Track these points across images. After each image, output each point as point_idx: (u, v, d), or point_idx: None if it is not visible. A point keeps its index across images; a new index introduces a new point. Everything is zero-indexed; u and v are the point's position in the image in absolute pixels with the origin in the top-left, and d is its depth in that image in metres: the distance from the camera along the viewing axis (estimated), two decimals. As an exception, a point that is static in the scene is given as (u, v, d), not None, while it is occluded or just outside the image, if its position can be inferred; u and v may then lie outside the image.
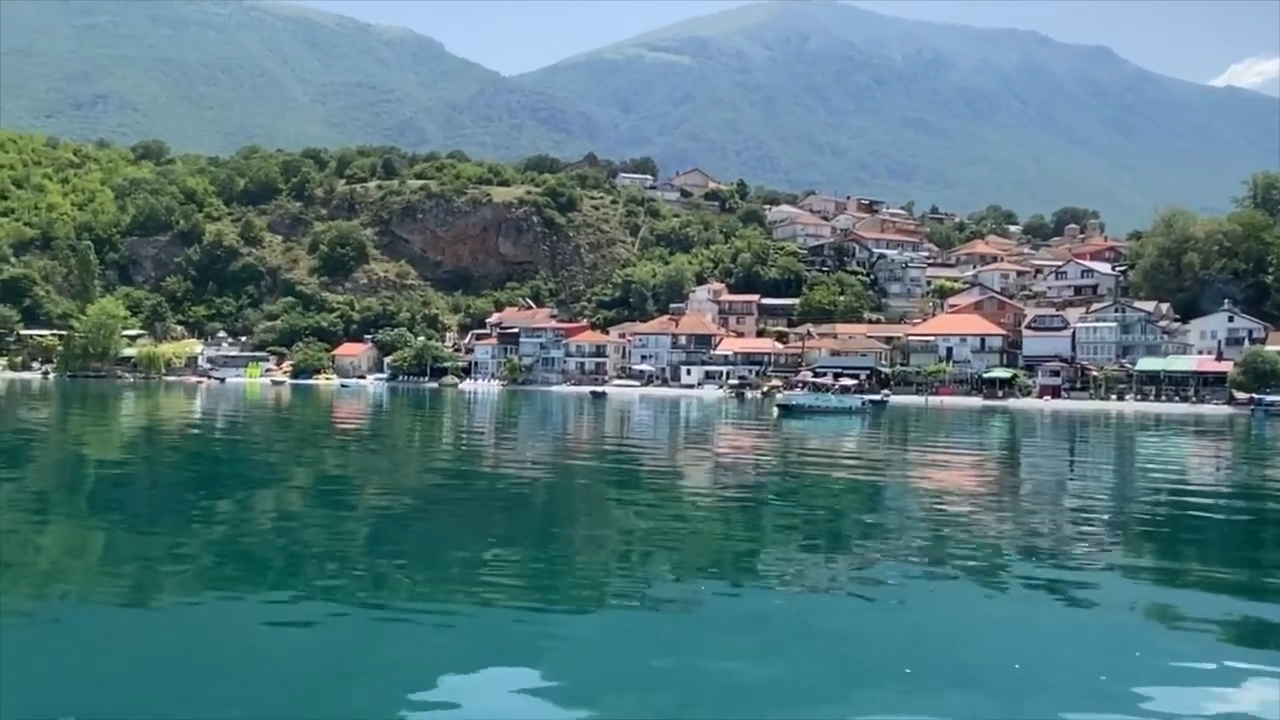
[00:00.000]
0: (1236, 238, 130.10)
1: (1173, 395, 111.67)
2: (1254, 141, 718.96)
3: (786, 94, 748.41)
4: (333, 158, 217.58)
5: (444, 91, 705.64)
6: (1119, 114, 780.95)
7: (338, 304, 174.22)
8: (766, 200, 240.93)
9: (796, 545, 20.86)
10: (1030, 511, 26.93)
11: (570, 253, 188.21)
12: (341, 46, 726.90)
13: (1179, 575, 18.27)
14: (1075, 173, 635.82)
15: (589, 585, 16.74)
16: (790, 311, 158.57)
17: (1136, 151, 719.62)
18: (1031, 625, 14.69)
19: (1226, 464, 46.29)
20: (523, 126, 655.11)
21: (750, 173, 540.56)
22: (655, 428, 65.15)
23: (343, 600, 14.96)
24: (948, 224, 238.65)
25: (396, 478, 33.24)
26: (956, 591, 16.71)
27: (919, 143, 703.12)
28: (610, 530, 22.66)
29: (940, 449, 49.86)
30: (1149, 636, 14.19)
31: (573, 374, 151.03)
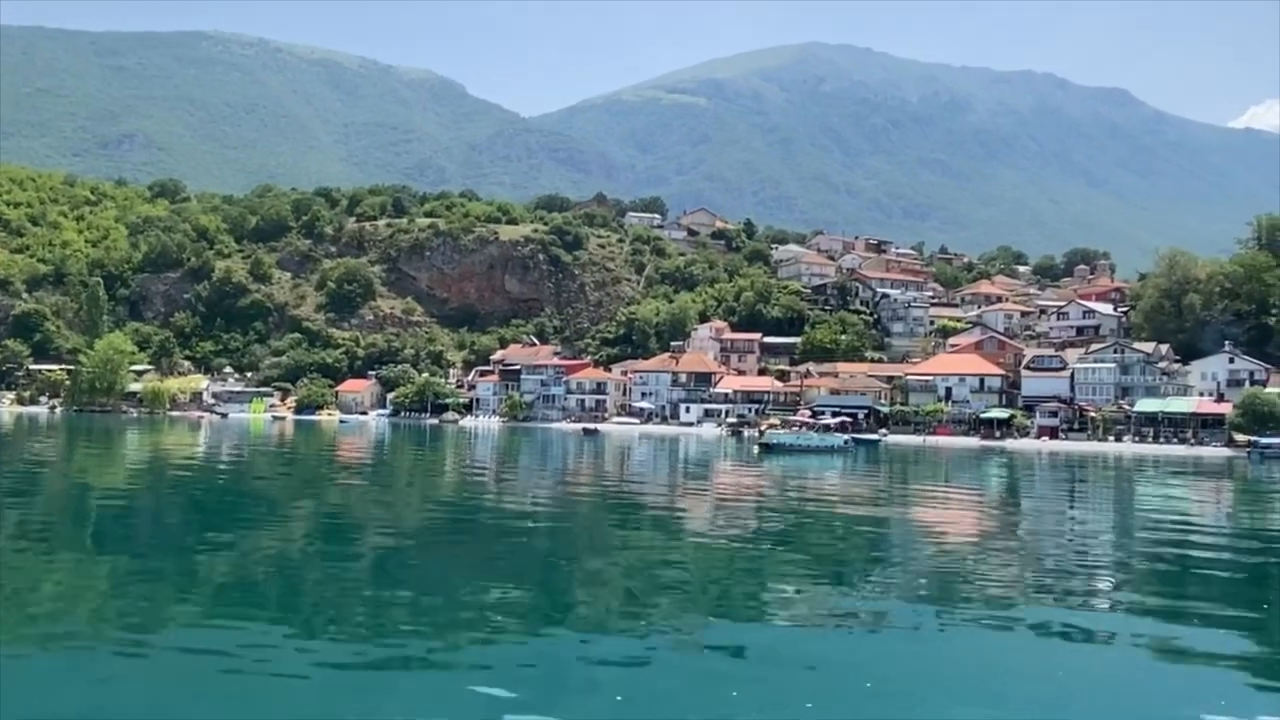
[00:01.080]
0: (1238, 279, 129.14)
1: (1171, 437, 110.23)
2: (1273, 183, 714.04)
3: (803, 135, 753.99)
4: (344, 196, 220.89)
5: (464, 132, 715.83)
6: (1136, 155, 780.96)
7: (343, 340, 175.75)
8: (775, 239, 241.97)
9: (800, 585, 21.00)
10: (1034, 556, 26.93)
11: (575, 290, 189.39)
12: (364, 88, 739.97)
13: (1183, 617, 18.45)
14: (1092, 214, 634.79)
15: (594, 624, 16.79)
16: (792, 350, 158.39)
17: (1154, 193, 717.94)
18: (1046, 666, 14.82)
19: (1224, 507, 46.05)
20: (541, 166, 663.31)
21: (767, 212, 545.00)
22: (654, 466, 65.30)
23: (346, 638, 14.99)
24: (956, 264, 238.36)
25: (397, 515, 33.35)
26: (968, 633, 16.87)
27: (935, 183, 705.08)
28: (613, 569, 22.71)
29: (930, 493, 49.36)
30: (1159, 678, 14.58)
31: (573, 411, 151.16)
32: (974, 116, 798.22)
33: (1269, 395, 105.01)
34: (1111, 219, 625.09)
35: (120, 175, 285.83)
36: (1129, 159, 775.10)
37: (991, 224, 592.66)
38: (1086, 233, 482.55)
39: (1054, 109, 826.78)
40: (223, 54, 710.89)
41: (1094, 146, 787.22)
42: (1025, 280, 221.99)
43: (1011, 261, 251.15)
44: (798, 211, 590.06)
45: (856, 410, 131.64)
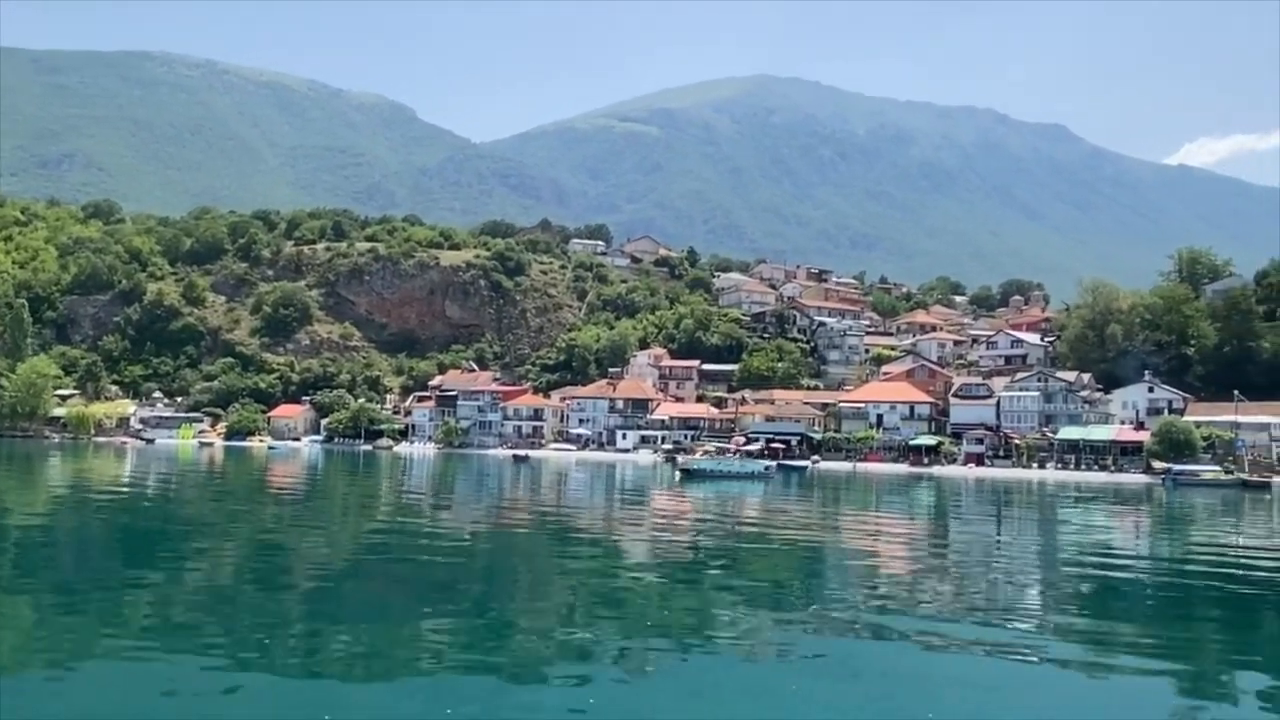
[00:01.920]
0: (1158, 310, 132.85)
1: (1092, 464, 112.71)
2: (1205, 218, 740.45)
3: (753, 165, 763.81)
4: (283, 219, 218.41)
5: (414, 156, 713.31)
6: (1074, 190, 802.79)
7: (277, 365, 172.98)
8: (719, 267, 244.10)
9: (740, 608, 21.15)
10: (963, 581, 27.45)
11: (517, 316, 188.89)
12: (312, 111, 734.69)
13: (1108, 638, 19.38)
14: (1032, 247, 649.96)
15: (532, 653, 16.62)
16: (730, 377, 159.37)
17: (1091, 226, 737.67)
18: (982, 689, 15.11)
19: (1143, 532, 47.51)
20: (492, 193, 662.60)
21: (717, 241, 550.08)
22: (590, 493, 65.34)
23: (279, 670, 14.61)
24: (895, 294, 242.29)
25: (330, 544, 32.74)
26: (904, 655, 17.19)
27: (881, 214, 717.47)
28: (549, 597, 22.61)
29: (858, 520, 50.01)
30: (1092, 698, 15.09)
31: (510, 438, 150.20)
32: (918, 150, 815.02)
33: (1184, 424, 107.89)
34: (1050, 251, 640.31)
35: (58, 195, 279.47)
36: (1067, 193, 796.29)
37: (935, 255, 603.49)
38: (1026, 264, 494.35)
39: (995, 144, 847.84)
40: (168, 74, 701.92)
41: (1034, 181, 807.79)
42: (961, 310, 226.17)
43: (949, 292, 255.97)
44: (747, 240, 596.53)
45: (790, 437, 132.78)
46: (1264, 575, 31.37)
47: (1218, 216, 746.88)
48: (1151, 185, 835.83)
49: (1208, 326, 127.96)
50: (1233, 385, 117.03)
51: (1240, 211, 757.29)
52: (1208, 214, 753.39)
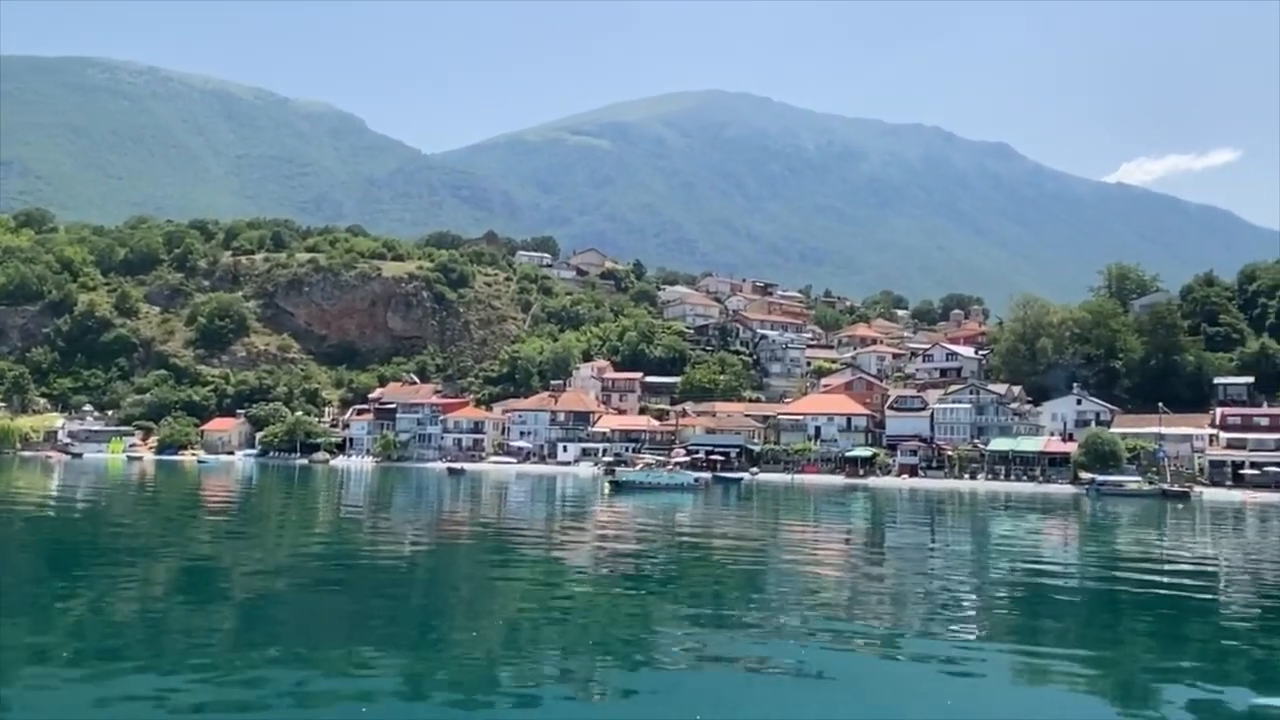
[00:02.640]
0: (1087, 324, 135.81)
1: (1022, 475, 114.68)
2: (1142, 234, 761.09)
3: (704, 179, 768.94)
4: (221, 229, 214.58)
5: (363, 167, 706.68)
6: (1018, 206, 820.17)
7: (212, 378, 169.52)
8: (666, 280, 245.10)
9: (683, 620, 21.17)
10: (900, 591, 27.94)
11: (460, 328, 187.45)
12: (259, 119, 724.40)
13: (1041, 642, 20.29)
14: (977, 261, 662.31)
15: (475, 671, 16.30)
16: (673, 390, 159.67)
17: (1034, 241, 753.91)
18: (927, 696, 15.45)
19: (1070, 541, 48.57)
20: (443, 204, 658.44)
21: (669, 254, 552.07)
22: (530, 506, 64.83)
23: (211, 694, 14.14)
24: (839, 307, 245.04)
25: (263, 561, 31.95)
26: (854, 665, 17.42)
27: (830, 229, 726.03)
28: (490, 613, 22.26)
29: (793, 530, 50.38)
30: (1029, 701, 15.68)
31: (450, 450, 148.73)
32: (867, 166, 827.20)
33: (1109, 435, 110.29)
34: (994, 265, 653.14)
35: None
36: (1011, 209, 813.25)
37: (883, 269, 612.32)
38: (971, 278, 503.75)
39: (941, 160, 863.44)
40: (110, 81, 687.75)
41: (978, 197, 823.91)
42: (903, 324, 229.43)
43: (891, 305, 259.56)
44: (698, 254, 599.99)
45: (729, 449, 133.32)
46: (1179, 580, 32.56)
47: (1154, 233, 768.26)
48: (1091, 202, 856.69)
49: (1135, 340, 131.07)
50: (1158, 397, 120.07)
51: (1175, 228, 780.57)
52: (1144, 230, 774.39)
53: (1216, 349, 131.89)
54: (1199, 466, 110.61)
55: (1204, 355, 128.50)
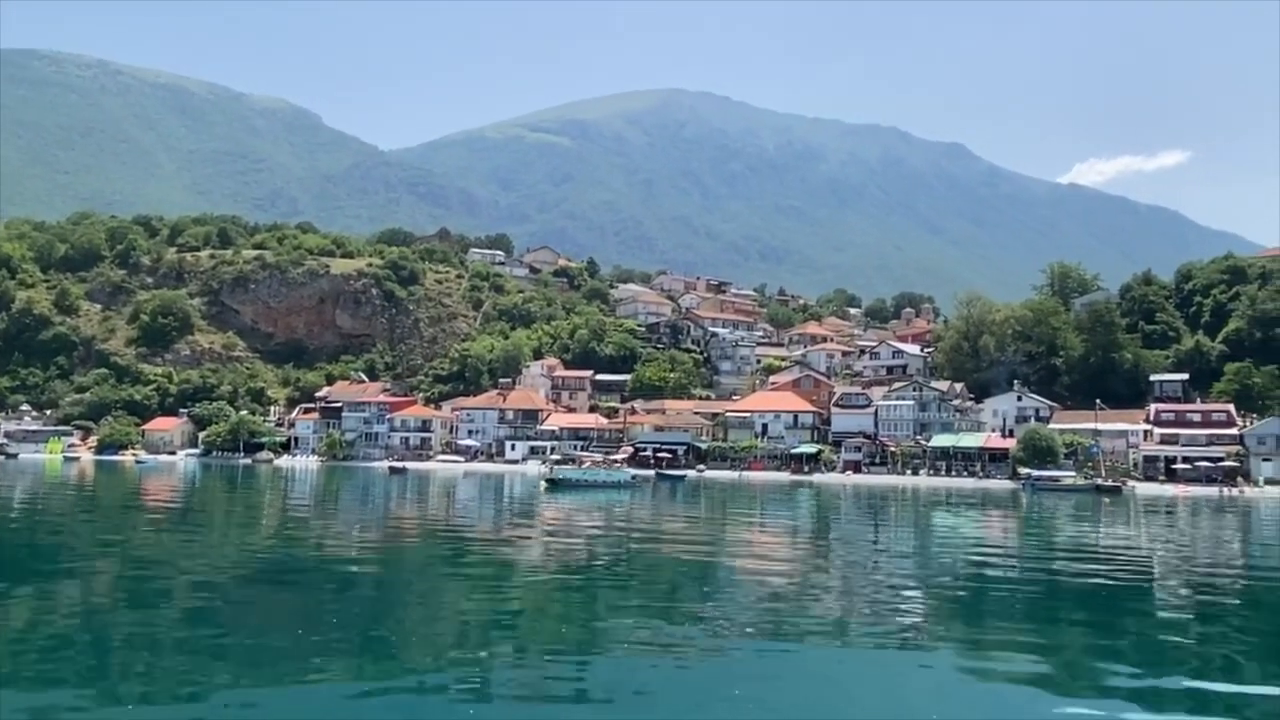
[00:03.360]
0: (1028, 322, 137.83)
1: (962, 470, 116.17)
2: (1093, 235, 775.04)
3: (664, 178, 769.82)
4: (165, 225, 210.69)
5: (319, 163, 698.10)
6: (973, 206, 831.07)
7: (155, 376, 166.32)
8: (621, 279, 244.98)
9: (634, 617, 21.01)
10: (845, 586, 28.13)
11: (409, 326, 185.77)
12: (212, 114, 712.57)
13: (985, 635, 20.88)
14: (932, 260, 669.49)
15: (425, 670, 16.03)
16: (623, 387, 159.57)
17: (989, 241, 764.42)
18: (877, 687, 15.76)
19: (1009, 535, 49.51)
20: (400, 201, 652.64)
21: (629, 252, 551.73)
22: (479, 505, 64.35)
23: (154, 701, 13.71)
24: (793, 305, 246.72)
25: (208, 563, 31.14)
26: (806, 658, 17.53)
27: (789, 228, 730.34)
28: (441, 613, 22.01)
29: (734, 526, 50.53)
30: (973, 692, 16.03)
31: (397, 449, 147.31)
32: (826, 166, 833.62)
33: (1047, 432, 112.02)
34: (950, 265, 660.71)
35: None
36: (966, 209, 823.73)
37: (842, 268, 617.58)
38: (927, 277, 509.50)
39: (899, 161, 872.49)
40: (57, 74, 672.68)
41: (935, 197, 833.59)
42: (856, 322, 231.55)
43: (845, 304, 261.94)
44: (658, 252, 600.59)
45: (677, 446, 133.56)
46: (1114, 571, 33.60)
47: (1105, 233, 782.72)
48: (1044, 203, 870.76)
49: (1075, 338, 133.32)
50: (1097, 394, 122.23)
51: (1125, 228, 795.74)
52: (1096, 230, 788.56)
53: (1154, 346, 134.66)
54: (1133, 462, 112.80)
55: (1141, 353, 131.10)
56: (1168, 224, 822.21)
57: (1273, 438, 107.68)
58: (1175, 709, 15.32)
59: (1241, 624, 24.22)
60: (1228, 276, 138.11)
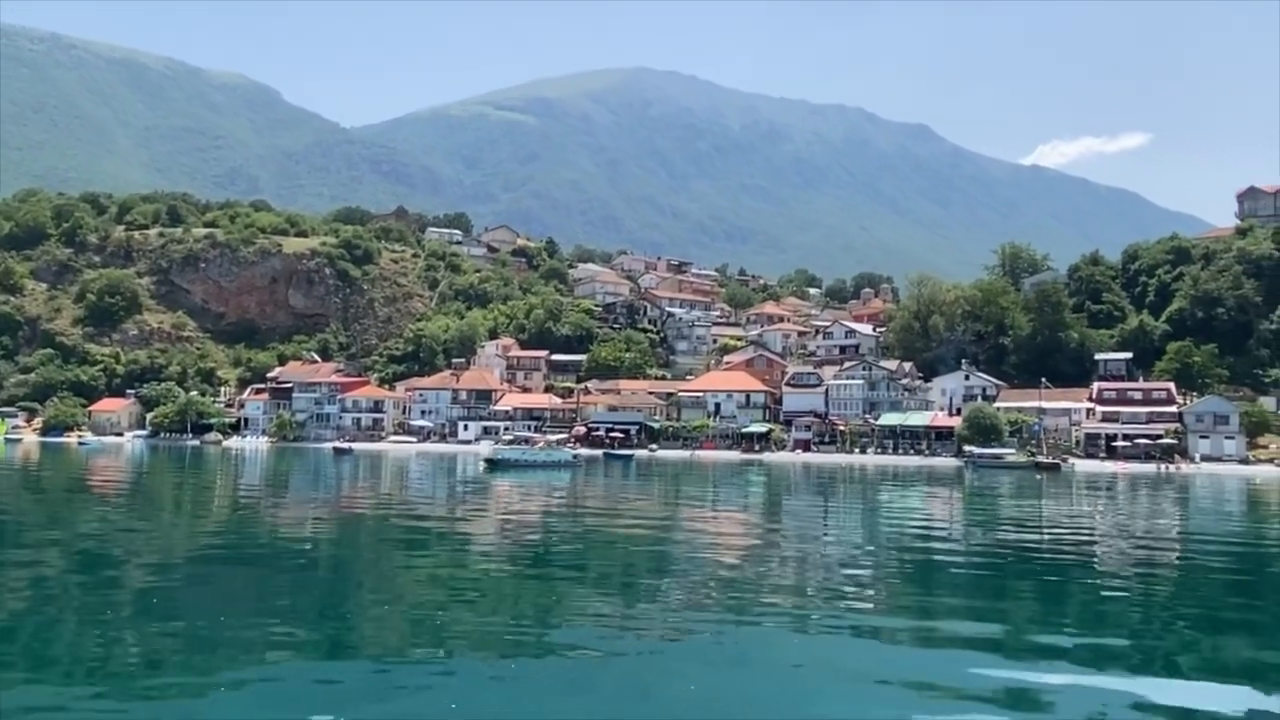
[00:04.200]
0: (978, 302, 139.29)
1: (909, 449, 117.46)
2: (1055, 216, 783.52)
3: (630, 157, 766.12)
4: (114, 202, 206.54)
5: (279, 140, 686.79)
6: (937, 187, 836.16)
7: (102, 357, 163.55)
8: (581, 258, 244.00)
9: (591, 598, 20.96)
10: (800, 563, 28.37)
11: (364, 306, 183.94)
12: (169, 90, 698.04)
13: (937, 603, 21.60)
14: (896, 240, 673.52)
15: (383, 653, 15.81)
16: (579, 367, 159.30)
17: (952, 222, 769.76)
18: (836, 658, 15.94)
19: (955, 512, 50.34)
20: (363, 179, 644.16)
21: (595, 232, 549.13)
22: (432, 486, 63.88)
23: (110, 686, 13.30)
24: (753, 285, 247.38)
25: (156, 547, 30.43)
26: (762, 635, 17.71)
27: (756, 208, 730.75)
28: (397, 594, 21.82)
29: (676, 505, 50.60)
30: (925, 663, 16.40)
31: (349, 430, 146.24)
32: (791, 146, 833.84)
33: (990, 410, 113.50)
34: (914, 245, 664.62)
35: None
36: (930, 190, 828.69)
37: (807, 248, 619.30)
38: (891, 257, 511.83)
39: (864, 141, 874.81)
40: (8, 48, 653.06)
41: (899, 178, 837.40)
42: (815, 302, 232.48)
43: (805, 284, 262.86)
44: (625, 232, 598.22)
45: (630, 426, 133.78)
46: (1056, 544, 34.76)
47: (1065, 214, 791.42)
48: (1007, 184, 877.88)
49: (1022, 317, 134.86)
50: (1043, 373, 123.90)
51: (1085, 209, 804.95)
52: (1057, 211, 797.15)
53: (1100, 326, 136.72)
54: (1075, 439, 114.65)
55: (1087, 332, 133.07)
56: (1127, 205, 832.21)
57: (1210, 415, 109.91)
58: (1118, 667, 15.99)
59: (1178, 590, 25.60)
60: (1173, 257, 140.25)
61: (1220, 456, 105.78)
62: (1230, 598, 24.54)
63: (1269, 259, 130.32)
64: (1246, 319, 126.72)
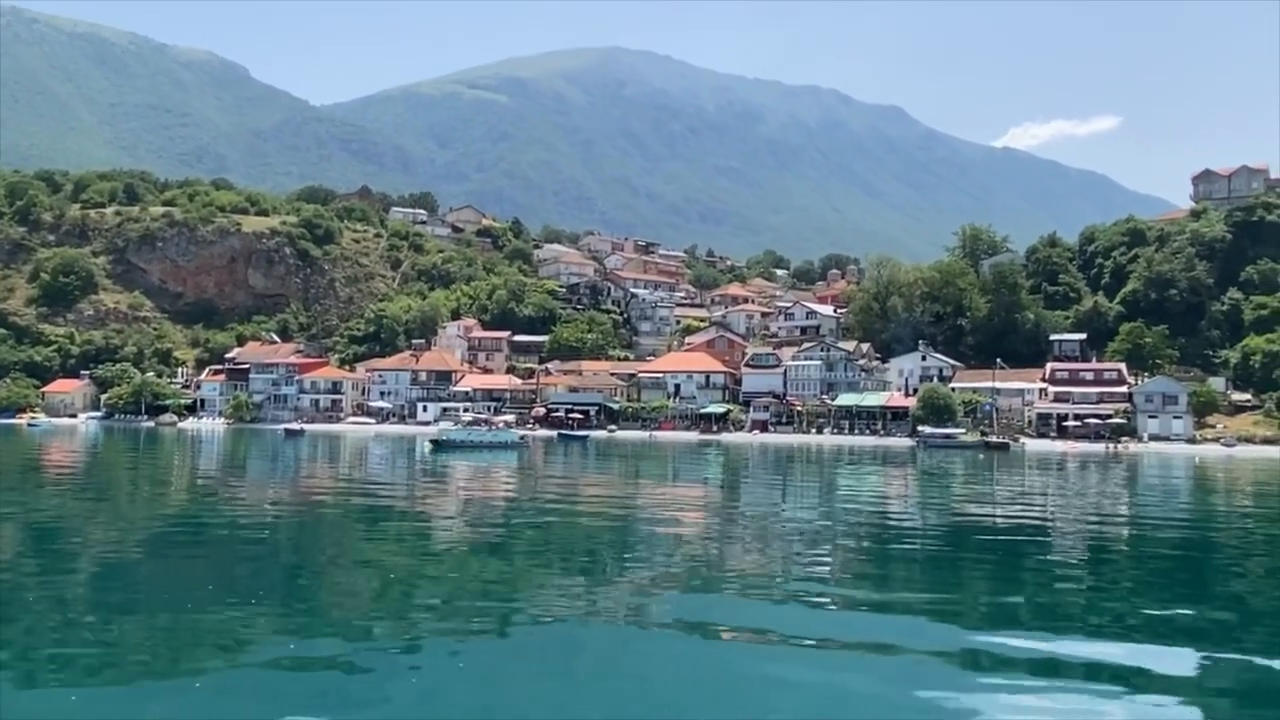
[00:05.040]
0: (936, 284, 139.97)
1: (865, 429, 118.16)
2: (1026, 198, 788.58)
3: (604, 138, 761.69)
4: (69, 180, 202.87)
5: (247, 118, 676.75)
6: (910, 169, 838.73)
7: (56, 337, 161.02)
8: (549, 239, 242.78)
9: (553, 578, 20.79)
10: (758, 545, 28.15)
11: (325, 286, 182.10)
12: (134, 66, 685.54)
13: (893, 579, 22.22)
14: (870, 222, 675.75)
15: (343, 635, 15.49)
16: (541, 349, 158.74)
17: (925, 204, 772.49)
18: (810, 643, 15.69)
19: (910, 492, 50.71)
20: (332, 158, 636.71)
21: (569, 213, 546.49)
22: (390, 468, 63.21)
23: (67, 673, 12.94)
24: (720, 266, 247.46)
25: (113, 529, 29.63)
26: (726, 613, 17.67)
27: (730, 190, 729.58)
28: (361, 575, 21.58)
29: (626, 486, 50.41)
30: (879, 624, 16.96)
31: (307, 411, 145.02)
32: (765, 127, 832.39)
33: (944, 390, 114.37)
34: (887, 227, 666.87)
35: None
36: (903, 172, 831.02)
37: (781, 230, 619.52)
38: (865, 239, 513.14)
39: (838, 123, 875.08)
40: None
41: (872, 160, 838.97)
42: (783, 283, 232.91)
43: (772, 265, 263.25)
44: (598, 213, 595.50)
45: (589, 407, 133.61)
46: (1008, 521, 35.40)
47: (1037, 196, 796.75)
48: (980, 166, 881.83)
49: (980, 299, 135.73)
50: (1000, 354, 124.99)
51: (1056, 192, 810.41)
52: (1029, 194, 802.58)
53: (1056, 307, 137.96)
54: (1028, 419, 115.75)
55: (1043, 313, 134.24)
56: (1096, 188, 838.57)
57: (1159, 395, 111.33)
58: (1072, 633, 16.62)
59: (1125, 563, 26.44)
60: (1128, 239, 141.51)
61: (1168, 436, 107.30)
62: (1171, 566, 25.65)
63: (1221, 241, 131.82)
64: (1199, 300, 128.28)
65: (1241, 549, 29.68)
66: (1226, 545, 30.42)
